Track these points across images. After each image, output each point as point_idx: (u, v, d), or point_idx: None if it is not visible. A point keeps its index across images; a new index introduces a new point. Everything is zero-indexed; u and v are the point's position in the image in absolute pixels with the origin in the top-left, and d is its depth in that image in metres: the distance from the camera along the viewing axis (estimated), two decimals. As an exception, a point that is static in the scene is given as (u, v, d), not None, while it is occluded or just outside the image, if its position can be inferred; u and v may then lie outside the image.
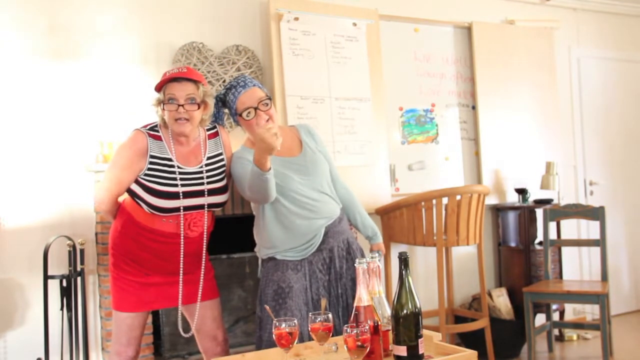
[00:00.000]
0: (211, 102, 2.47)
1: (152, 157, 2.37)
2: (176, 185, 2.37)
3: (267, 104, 2.47)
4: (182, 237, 2.40)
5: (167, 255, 2.42)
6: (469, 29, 4.68)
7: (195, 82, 2.39)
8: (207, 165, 2.46)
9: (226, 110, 2.63)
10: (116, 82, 3.55)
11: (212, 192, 2.44)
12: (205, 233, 2.48)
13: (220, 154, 2.52)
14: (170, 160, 2.39)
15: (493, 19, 4.86)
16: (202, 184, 2.42)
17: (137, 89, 3.53)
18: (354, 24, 4.15)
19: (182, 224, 2.38)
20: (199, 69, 3.68)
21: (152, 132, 2.41)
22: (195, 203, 2.41)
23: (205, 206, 2.43)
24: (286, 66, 3.87)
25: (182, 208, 2.37)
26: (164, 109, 2.38)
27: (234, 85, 2.51)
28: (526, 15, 4.99)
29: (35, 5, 3.38)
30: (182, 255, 2.42)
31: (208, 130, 2.53)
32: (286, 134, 2.62)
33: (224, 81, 3.76)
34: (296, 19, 3.93)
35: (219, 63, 3.77)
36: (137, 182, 2.39)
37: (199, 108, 2.39)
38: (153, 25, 3.68)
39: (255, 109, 2.46)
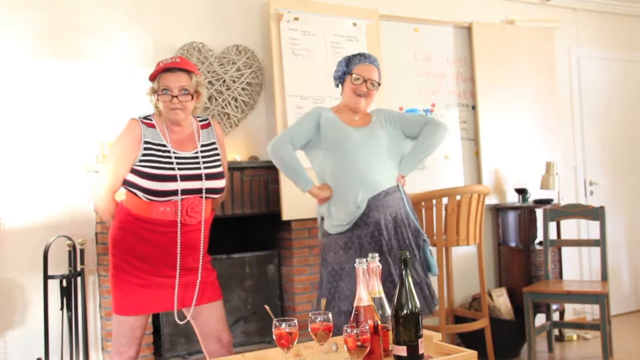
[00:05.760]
0: (203, 91, 2.53)
1: (146, 143, 2.40)
2: (173, 169, 2.39)
3: (373, 85, 2.83)
4: (179, 223, 2.38)
5: (167, 246, 2.41)
6: (469, 29, 4.68)
7: (188, 72, 2.44)
8: (202, 151, 2.49)
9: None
10: (116, 82, 3.55)
11: (209, 177, 2.46)
12: (203, 222, 2.46)
13: (214, 144, 2.55)
14: (164, 146, 2.42)
15: (493, 19, 4.86)
16: (199, 168, 2.44)
17: (137, 89, 3.52)
18: (354, 24, 4.14)
19: (179, 208, 2.38)
20: (199, 69, 3.67)
21: (145, 121, 2.46)
22: (193, 187, 2.41)
23: (203, 190, 2.43)
24: (286, 66, 3.87)
25: (179, 191, 2.38)
26: (158, 98, 2.43)
27: (365, 55, 2.88)
28: (526, 15, 4.99)
29: (35, 5, 3.39)
30: (179, 244, 2.40)
31: (201, 121, 2.58)
32: (365, 116, 2.94)
33: (224, 81, 3.76)
34: (296, 19, 3.93)
35: (219, 63, 3.77)
36: (132, 171, 2.40)
37: (192, 99, 2.44)
38: (153, 25, 3.68)
39: (365, 81, 2.80)
